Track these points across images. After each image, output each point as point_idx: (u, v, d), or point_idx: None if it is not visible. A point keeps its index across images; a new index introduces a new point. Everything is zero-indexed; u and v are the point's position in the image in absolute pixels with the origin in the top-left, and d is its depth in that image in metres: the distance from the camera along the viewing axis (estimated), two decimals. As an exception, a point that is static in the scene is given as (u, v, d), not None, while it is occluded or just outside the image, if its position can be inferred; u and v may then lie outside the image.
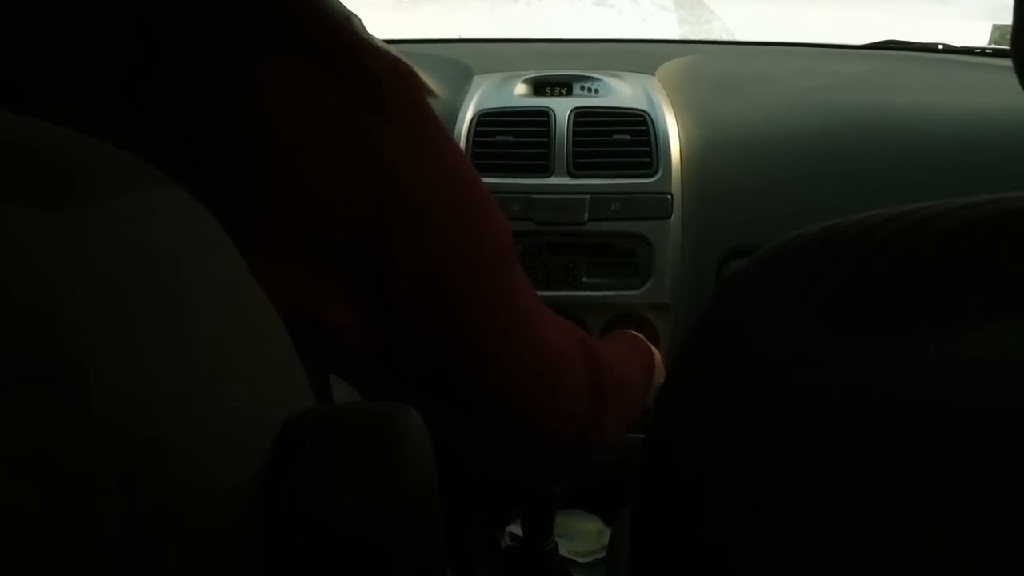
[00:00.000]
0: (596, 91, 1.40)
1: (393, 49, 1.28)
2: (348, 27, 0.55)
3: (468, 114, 1.34)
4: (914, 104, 1.41)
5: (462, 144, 1.31)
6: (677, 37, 6.73)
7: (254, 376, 0.42)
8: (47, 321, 0.31)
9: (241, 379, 0.40)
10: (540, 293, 1.28)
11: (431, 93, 1.42)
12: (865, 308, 0.38)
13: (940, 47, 1.65)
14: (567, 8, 8.97)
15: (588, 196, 1.28)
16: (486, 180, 1.27)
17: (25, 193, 0.33)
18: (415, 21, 7.54)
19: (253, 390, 0.41)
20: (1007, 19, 0.44)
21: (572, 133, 1.31)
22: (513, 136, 1.32)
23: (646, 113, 1.33)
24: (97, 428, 0.31)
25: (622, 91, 1.40)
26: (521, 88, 1.41)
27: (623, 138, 1.32)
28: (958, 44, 1.66)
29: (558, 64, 1.49)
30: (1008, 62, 0.43)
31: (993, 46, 1.63)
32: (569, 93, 1.41)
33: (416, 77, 0.59)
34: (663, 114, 1.34)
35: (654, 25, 8.10)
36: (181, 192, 0.39)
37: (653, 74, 1.47)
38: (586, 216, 1.27)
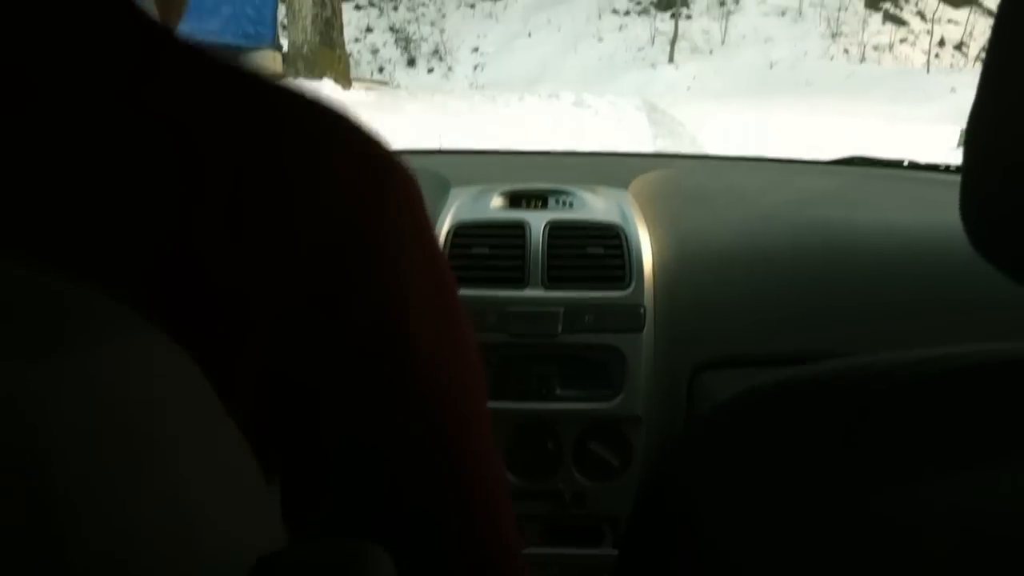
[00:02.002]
0: (571, 204, 1.43)
1: None
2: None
3: (445, 226, 1.36)
4: (879, 221, 1.45)
5: None
6: (651, 147, 6.87)
7: (229, 519, 0.42)
8: (23, 474, 0.31)
9: (216, 527, 0.40)
10: (514, 405, 1.30)
11: None
12: (819, 462, 0.40)
13: (905, 163, 1.70)
14: (545, 107, 9.16)
15: (562, 309, 1.29)
16: (461, 292, 1.29)
17: (2, 344, 0.34)
18: (396, 120, 7.66)
19: (227, 535, 0.42)
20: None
21: (547, 246, 1.33)
22: (489, 248, 1.34)
23: (619, 227, 1.36)
24: None
25: (596, 205, 1.42)
26: (497, 201, 1.44)
27: (597, 251, 1.34)
28: (927, 147, 1.71)
29: (534, 176, 1.52)
30: None
31: (957, 164, 1.68)
32: (544, 206, 1.43)
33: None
34: (636, 228, 1.37)
35: (630, 126, 8.26)
36: (161, 336, 0.40)
37: (626, 188, 1.50)
38: (560, 328, 1.29)
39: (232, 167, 0.44)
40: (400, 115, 7.95)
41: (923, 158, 1.73)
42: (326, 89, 8.36)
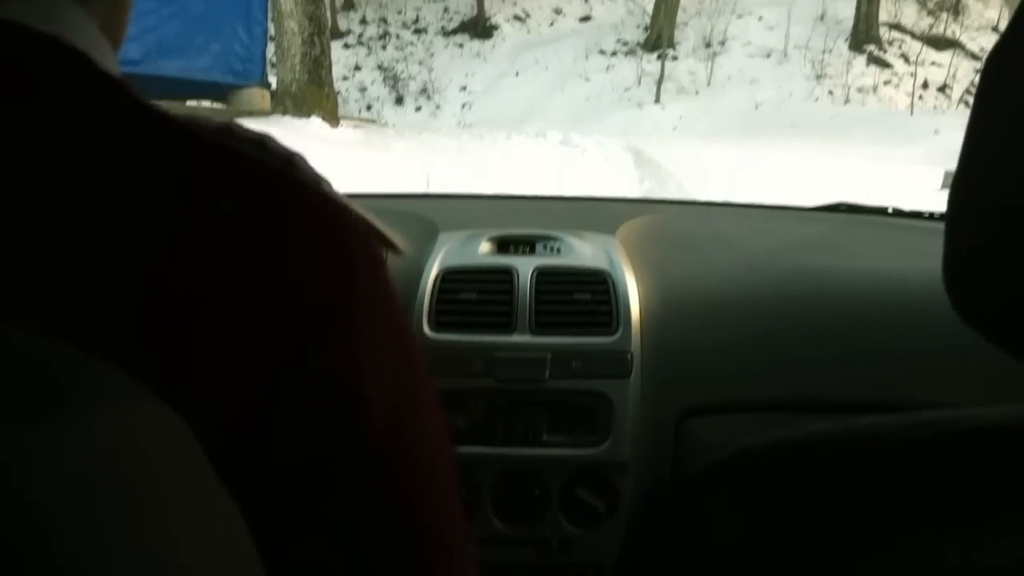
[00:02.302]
0: (558, 250, 1.44)
1: (354, 204, 1.29)
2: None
3: (433, 271, 1.37)
4: (865, 268, 1.46)
5: (426, 301, 1.33)
6: (638, 188, 6.91)
7: None
8: (17, 541, 0.31)
9: None
10: (500, 451, 1.30)
11: (397, 250, 1.44)
12: (807, 527, 0.40)
13: (890, 210, 1.72)
14: (533, 146, 9.22)
15: (549, 354, 1.29)
16: (449, 337, 1.31)
17: None
18: (384, 157, 7.69)
19: None
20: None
21: (535, 291, 1.34)
22: (477, 294, 1.34)
23: (607, 273, 1.36)
24: None
25: (584, 251, 1.43)
26: (485, 246, 1.44)
27: (584, 297, 1.34)
28: (911, 188, 1.73)
29: (522, 221, 1.53)
30: None
31: (941, 211, 1.70)
32: (532, 251, 1.44)
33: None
34: (623, 274, 1.37)
35: (617, 165, 8.31)
36: (154, 400, 0.40)
37: (613, 234, 1.51)
38: (547, 374, 1.29)
39: (202, 239, 0.44)
40: (388, 153, 7.98)
41: (907, 199, 1.75)
42: (314, 127, 8.40)
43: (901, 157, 9.04)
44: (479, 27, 17.13)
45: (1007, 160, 0.41)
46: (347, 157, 7.37)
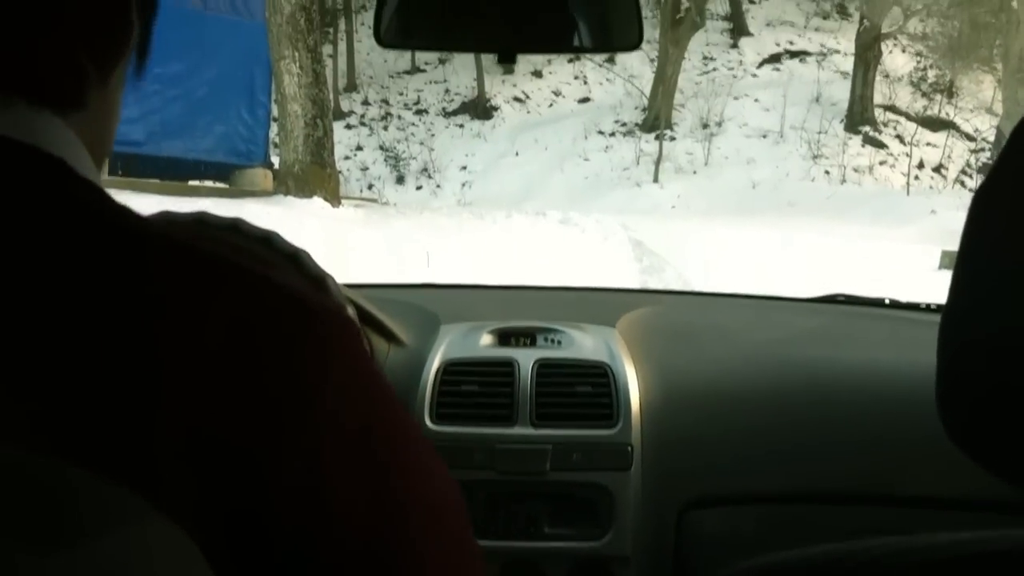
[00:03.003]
0: (559, 342, 1.45)
1: (357, 296, 1.28)
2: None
3: (435, 363, 1.38)
4: (862, 360, 1.48)
5: (427, 393, 1.34)
6: (636, 269, 6.96)
7: None
8: None
9: None
10: (501, 544, 1.30)
11: (399, 342, 1.44)
12: None
13: (887, 302, 1.74)
14: (532, 224, 9.30)
15: (550, 447, 1.30)
16: (451, 429, 1.32)
17: (13, 534, 0.35)
18: (383, 235, 7.75)
19: None
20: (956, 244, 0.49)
21: (535, 384, 1.35)
22: (478, 386, 1.35)
23: (607, 365, 1.38)
24: None
25: (584, 343, 1.44)
26: (487, 338, 1.46)
27: (585, 389, 1.35)
28: (909, 267, 1.75)
29: (522, 312, 1.55)
30: None
31: (936, 303, 1.69)
32: (533, 344, 1.45)
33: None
34: (623, 366, 1.39)
35: (616, 244, 8.37)
36: (161, 518, 0.41)
37: (614, 326, 1.52)
38: (548, 467, 1.29)
39: (179, 355, 0.45)
40: (389, 231, 8.05)
41: (906, 278, 1.77)
42: (316, 206, 8.49)
43: (898, 236, 9.11)
44: (479, 108, 17.39)
45: (997, 296, 0.42)
46: (348, 236, 7.43)
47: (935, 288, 1.67)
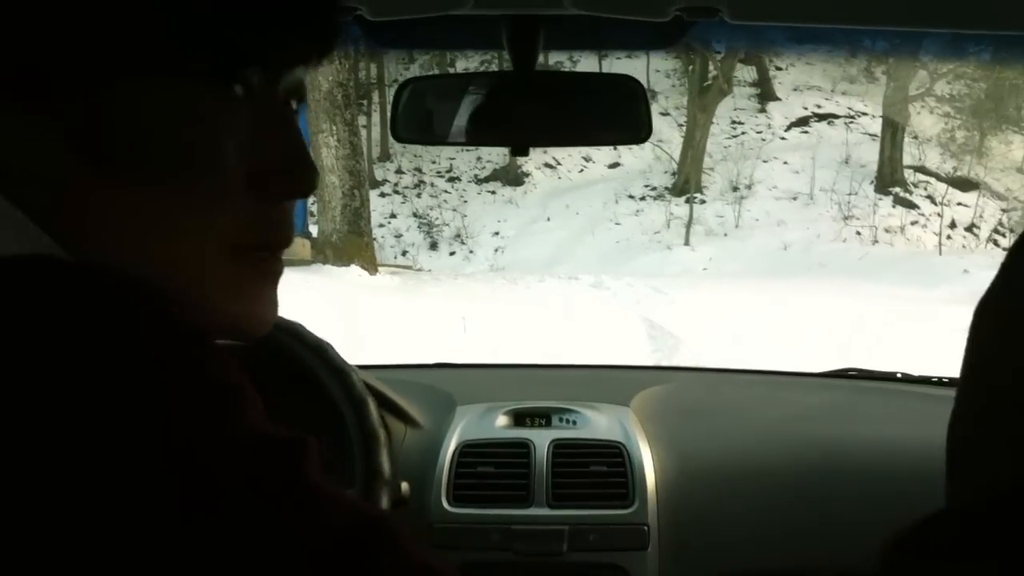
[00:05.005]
0: (574, 422, 1.48)
1: (372, 378, 1.32)
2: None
3: (451, 445, 1.41)
4: (875, 436, 1.49)
5: (444, 475, 1.37)
6: (665, 342, 6.96)
7: None
8: None
9: None
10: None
11: (416, 424, 1.48)
12: None
13: (898, 376, 1.75)
14: (565, 289, 9.35)
15: (567, 528, 1.32)
16: (467, 511, 1.34)
17: None
18: (419, 302, 7.83)
19: None
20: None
21: (551, 464, 1.37)
22: (494, 467, 1.38)
23: (622, 445, 1.40)
24: None
25: (599, 423, 1.47)
26: (502, 420, 1.49)
27: (600, 469, 1.38)
28: (943, 330, 1.76)
29: (537, 391, 1.58)
30: None
31: (948, 376, 1.70)
32: (548, 424, 1.48)
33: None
34: (638, 445, 1.41)
35: (648, 308, 8.38)
36: None
37: (628, 404, 1.55)
38: (565, 547, 1.31)
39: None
40: (424, 299, 8.15)
41: (940, 339, 1.78)
42: (353, 274, 8.66)
43: (932, 297, 9.04)
44: (511, 175, 17.57)
45: (1002, 406, 0.42)
46: (385, 304, 7.54)
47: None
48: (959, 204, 15.00)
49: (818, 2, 0.94)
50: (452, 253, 16.16)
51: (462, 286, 9.53)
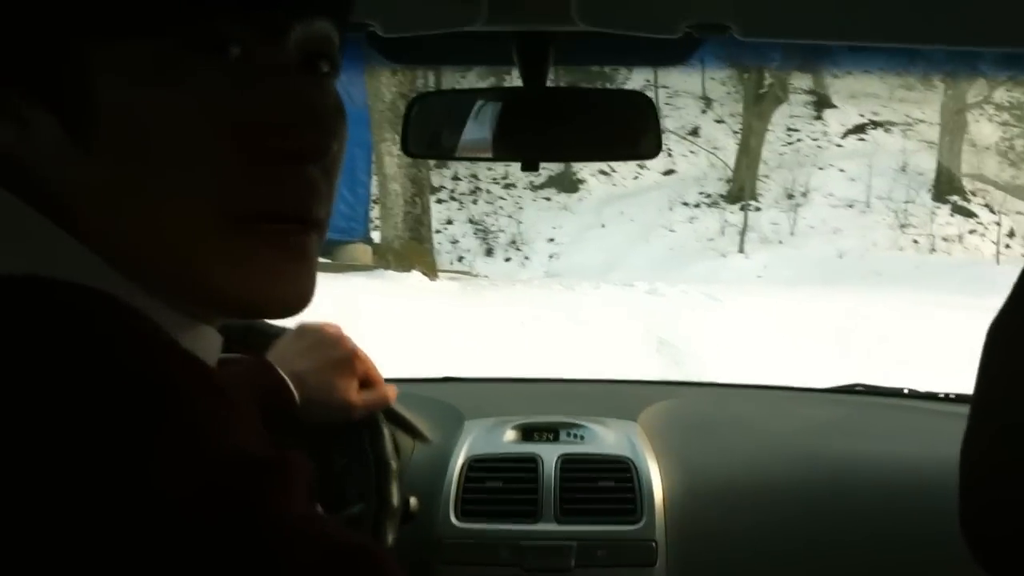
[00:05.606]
0: (582, 437, 1.48)
1: None
2: None
3: (459, 460, 1.42)
4: (882, 452, 1.50)
5: (452, 490, 1.38)
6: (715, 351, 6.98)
7: None
8: None
9: None
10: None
11: (424, 439, 1.45)
12: None
13: (906, 391, 1.75)
14: (620, 295, 9.39)
15: (575, 543, 1.33)
16: (475, 526, 1.35)
17: None
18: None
19: None
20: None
21: (559, 479, 1.38)
22: (502, 482, 1.39)
23: (630, 460, 1.41)
24: None
25: (607, 438, 1.48)
26: (510, 434, 1.49)
27: (608, 484, 1.39)
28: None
29: (545, 406, 1.59)
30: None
31: (956, 392, 1.69)
32: (556, 439, 1.48)
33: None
34: (646, 460, 1.42)
35: (703, 312, 8.40)
36: None
37: (635, 419, 1.55)
38: (573, 563, 1.32)
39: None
40: (483, 303, 8.28)
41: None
42: (414, 279, 8.90)
43: (989, 306, 8.88)
44: (566, 182, 17.58)
45: (1017, 424, 0.44)
46: (446, 309, 7.70)
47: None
48: (1018, 213, 14.70)
49: (827, 20, 0.95)
50: (507, 259, 16.22)
51: (520, 292, 9.62)
